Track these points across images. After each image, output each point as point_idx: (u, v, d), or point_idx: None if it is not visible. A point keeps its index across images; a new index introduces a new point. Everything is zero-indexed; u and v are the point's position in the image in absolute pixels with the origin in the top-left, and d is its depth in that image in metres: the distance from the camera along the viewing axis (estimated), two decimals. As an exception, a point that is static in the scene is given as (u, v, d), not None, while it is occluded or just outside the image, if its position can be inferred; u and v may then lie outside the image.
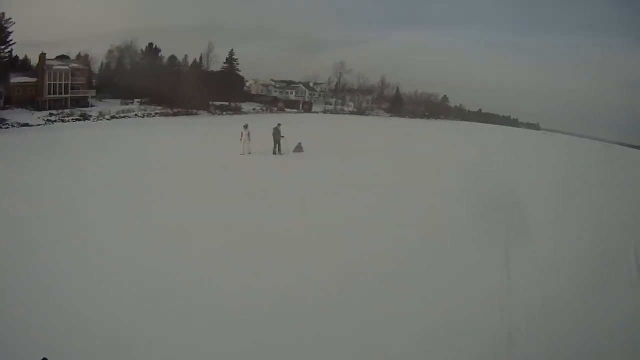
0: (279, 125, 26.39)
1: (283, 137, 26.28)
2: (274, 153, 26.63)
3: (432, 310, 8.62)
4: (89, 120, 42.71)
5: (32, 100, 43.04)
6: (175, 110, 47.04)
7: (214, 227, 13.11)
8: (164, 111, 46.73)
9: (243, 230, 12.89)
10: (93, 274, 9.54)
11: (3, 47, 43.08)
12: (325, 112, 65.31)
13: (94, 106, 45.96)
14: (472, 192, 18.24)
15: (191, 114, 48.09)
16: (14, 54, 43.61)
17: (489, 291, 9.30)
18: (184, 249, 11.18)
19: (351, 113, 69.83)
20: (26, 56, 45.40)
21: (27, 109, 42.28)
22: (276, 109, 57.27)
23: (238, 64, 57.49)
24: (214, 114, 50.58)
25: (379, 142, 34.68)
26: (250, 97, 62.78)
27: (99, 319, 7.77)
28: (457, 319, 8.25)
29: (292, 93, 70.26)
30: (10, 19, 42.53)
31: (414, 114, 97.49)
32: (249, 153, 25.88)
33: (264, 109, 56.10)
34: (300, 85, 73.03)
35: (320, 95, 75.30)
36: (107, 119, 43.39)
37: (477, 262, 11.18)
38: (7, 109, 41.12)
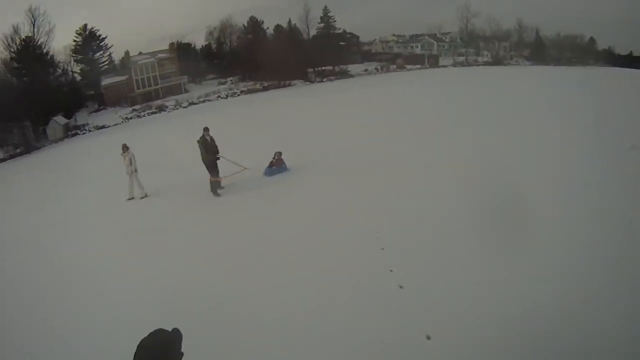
0: (206, 130, 13.14)
1: (220, 157, 13.66)
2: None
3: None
4: (165, 111, 41.65)
5: (125, 97, 43.85)
6: (266, 84, 41.13)
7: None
8: (252, 87, 41.33)
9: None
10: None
11: (101, 53, 46.02)
12: (455, 64, 55.76)
13: (188, 91, 45.25)
14: None
15: (284, 86, 41.58)
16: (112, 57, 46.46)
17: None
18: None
19: (486, 64, 59.30)
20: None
21: (121, 106, 43.09)
22: (395, 66, 47.22)
23: (335, 21, 52.84)
24: (312, 82, 43.09)
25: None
26: (369, 57, 57.36)
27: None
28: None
29: (416, 47, 61.21)
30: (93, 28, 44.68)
31: (558, 61, 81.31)
32: (143, 196, 14.37)
33: (379, 68, 46.28)
34: (426, 37, 63.70)
35: (450, 47, 64.57)
36: (184, 107, 41.62)
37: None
38: (101, 109, 40.96)
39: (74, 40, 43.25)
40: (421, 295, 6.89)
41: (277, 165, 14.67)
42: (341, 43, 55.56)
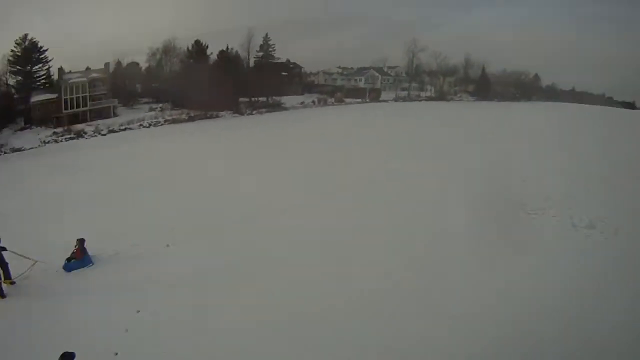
0: None
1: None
2: None
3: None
4: (84, 137, 38.43)
5: (52, 117, 40.38)
6: (192, 114, 39.61)
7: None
8: (177, 117, 39.74)
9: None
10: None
11: (39, 66, 42.19)
12: (396, 99, 54.82)
13: (117, 115, 42.53)
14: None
15: (211, 117, 40.25)
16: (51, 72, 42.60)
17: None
18: None
19: (429, 99, 59.33)
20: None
21: (47, 126, 39.86)
22: (333, 100, 46.71)
23: (274, 50, 51.51)
24: (242, 114, 41.65)
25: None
26: (311, 88, 55.89)
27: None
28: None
29: (360, 80, 61.02)
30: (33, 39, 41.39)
31: (502, 96, 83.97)
32: None
33: (315, 101, 45.35)
34: (371, 70, 63.68)
35: (394, 81, 65.17)
36: (103, 134, 38.72)
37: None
38: (26, 128, 39.57)
39: (12, 50, 41.13)
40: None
41: (78, 258, 11.08)
42: (283, 73, 53.83)
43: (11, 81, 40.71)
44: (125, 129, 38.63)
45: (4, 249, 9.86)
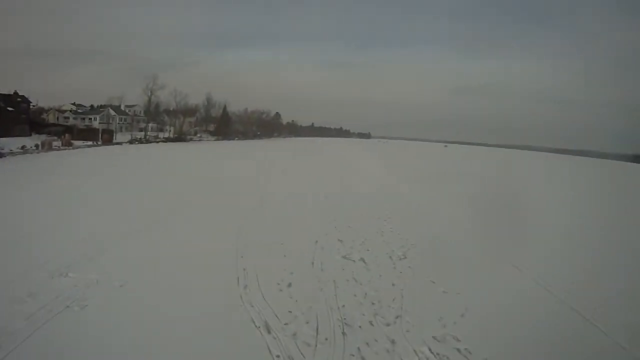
0: None
1: None
2: None
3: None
4: None
5: None
6: None
7: None
8: None
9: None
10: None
11: None
12: (132, 141, 54.05)
13: None
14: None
15: None
16: None
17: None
18: None
19: (166, 140, 60.48)
20: None
21: None
22: (59, 145, 43.40)
23: None
24: None
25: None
26: (41, 127, 50.15)
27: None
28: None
29: (95, 119, 59.82)
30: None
31: (244, 135, 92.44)
32: None
33: (39, 145, 41.24)
34: (108, 108, 62.75)
35: (132, 120, 65.73)
36: None
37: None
38: None
39: None
40: None
41: None
42: (9, 108, 46.62)
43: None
44: None
45: None
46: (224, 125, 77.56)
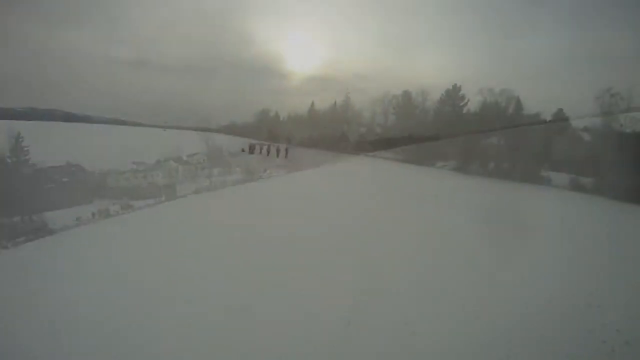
0: None
1: None
2: None
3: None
4: None
5: None
6: None
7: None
8: None
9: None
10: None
11: None
12: (197, 191, 48.96)
13: None
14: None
15: None
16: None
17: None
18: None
19: (236, 182, 54.34)
20: None
21: None
22: (118, 209, 38.93)
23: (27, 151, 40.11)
24: None
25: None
26: (104, 191, 46.37)
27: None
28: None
29: (158, 175, 55.43)
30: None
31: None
32: None
33: (95, 214, 36.80)
34: (170, 161, 58.51)
35: (197, 169, 60.85)
36: None
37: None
38: None
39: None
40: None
41: None
42: (64, 179, 43.95)
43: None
44: None
45: None
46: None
